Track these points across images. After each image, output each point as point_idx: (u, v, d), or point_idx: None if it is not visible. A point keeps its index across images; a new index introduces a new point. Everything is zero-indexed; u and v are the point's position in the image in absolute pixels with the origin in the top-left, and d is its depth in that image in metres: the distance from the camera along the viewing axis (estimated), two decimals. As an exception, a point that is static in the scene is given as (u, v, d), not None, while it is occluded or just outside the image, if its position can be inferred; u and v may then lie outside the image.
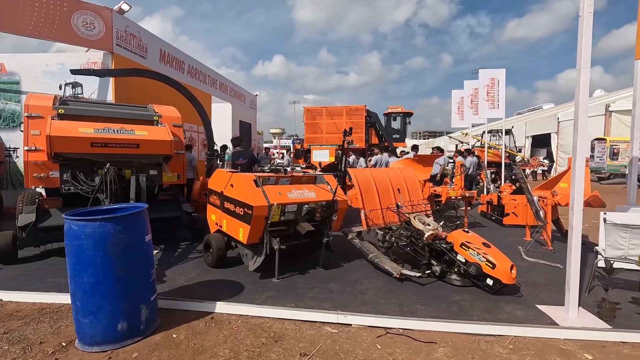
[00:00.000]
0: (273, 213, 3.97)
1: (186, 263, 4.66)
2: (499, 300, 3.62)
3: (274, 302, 3.49)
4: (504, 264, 3.65)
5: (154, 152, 5.18)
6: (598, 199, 5.51)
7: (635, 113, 4.95)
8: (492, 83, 9.30)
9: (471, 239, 3.98)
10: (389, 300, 3.59)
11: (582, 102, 3.13)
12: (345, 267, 4.66)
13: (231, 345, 2.84)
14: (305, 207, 4.18)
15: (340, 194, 4.65)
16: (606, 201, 5.59)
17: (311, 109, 18.47)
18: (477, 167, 11.68)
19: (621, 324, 3.12)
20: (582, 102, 3.13)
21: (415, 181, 5.52)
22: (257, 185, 4.03)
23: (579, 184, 3.17)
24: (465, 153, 10.90)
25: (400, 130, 18.62)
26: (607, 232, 3.67)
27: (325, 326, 3.18)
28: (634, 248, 3.53)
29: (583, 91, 3.11)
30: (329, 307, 3.41)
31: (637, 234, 3.48)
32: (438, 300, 3.61)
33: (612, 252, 3.68)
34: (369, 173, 5.09)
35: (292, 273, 4.33)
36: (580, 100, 3.13)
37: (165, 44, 10.37)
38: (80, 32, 7.68)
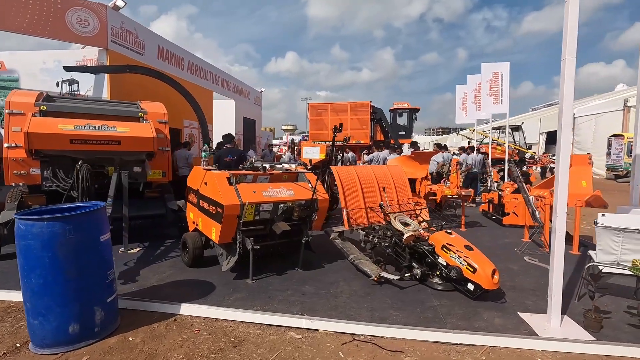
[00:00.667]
0: (246, 212, 3.85)
1: (164, 262, 4.59)
2: (478, 307, 3.41)
3: (242, 305, 3.38)
4: (485, 268, 3.44)
5: (136, 149, 5.12)
6: (599, 199, 5.21)
7: (638, 106, 4.62)
8: (496, 77, 8.94)
9: (453, 241, 3.77)
10: (362, 305, 3.43)
11: (566, 95, 2.89)
12: (326, 268, 4.51)
13: (187, 350, 2.73)
14: (281, 206, 4.05)
15: (321, 193, 4.50)
16: (620, 201, 5.27)
17: (316, 105, 18.30)
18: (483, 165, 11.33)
19: (608, 336, 2.89)
20: (567, 95, 2.89)
21: (404, 179, 5.31)
22: (230, 183, 3.91)
23: (562, 185, 2.93)
24: (468, 150, 10.56)
25: (406, 126, 18.27)
26: (598, 235, 3.42)
27: (290, 331, 3.05)
28: (627, 253, 3.28)
29: (568, 83, 2.87)
30: (298, 310, 3.28)
31: (630, 238, 3.22)
32: (414, 306, 3.43)
33: (604, 257, 3.43)
34: (354, 171, 4.91)
35: (269, 274, 4.21)
36: (564, 93, 2.89)
37: (163, 40, 10.34)
38: (74, 29, 7.70)
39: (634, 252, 3.25)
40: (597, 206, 5.30)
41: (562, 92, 2.89)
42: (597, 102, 25.26)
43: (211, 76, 13.57)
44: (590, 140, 24.49)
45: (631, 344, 2.74)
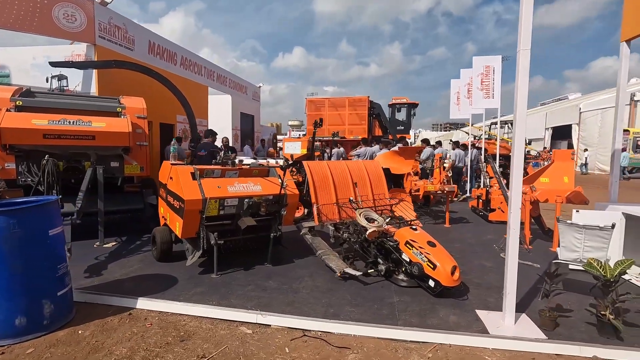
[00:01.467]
0: (209, 207, 3.84)
1: (135, 256, 4.61)
2: (438, 304, 3.36)
3: (199, 299, 3.38)
4: (445, 265, 3.38)
5: (111, 143, 5.14)
6: (580, 195, 5.10)
7: (618, 101, 4.49)
8: (487, 71, 8.77)
9: (417, 237, 3.72)
10: (320, 301, 3.41)
11: (521, 88, 2.80)
12: (295, 263, 4.50)
13: (133, 343, 2.74)
14: (246, 201, 4.03)
15: (291, 188, 4.47)
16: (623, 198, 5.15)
17: (314, 100, 18.21)
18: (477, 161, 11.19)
19: (561, 335, 2.82)
20: (522, 88, 2.80)
21: (380, 174, 5.26)
22: (194, 178, 3.90)
23: (516, 181, 2.86)
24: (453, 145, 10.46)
25: (405, 121, 18.10)
26: (561, 232, 3.33)
27: (242, 326, 3.04)
28: (589, 251, 3.19)
29: (523, 75, 2.79)
30: (253, 305, 3.27)
31: (592, 235, 3.13)
32: (373, 302, 3.39)
33: (567, 255, 3.35)
34: (326, 166, 4.87)
35: (237, 269, 4.21)
36: (519, 85, 2.81)
37: (154, 36, 10.35)
38: (61, 25, 7.73)
39: (596, 250, 3.17)
40: (577, 202, 5.19)
41: (517, 84, 2.81)
42: (604, 97, 24.68)
43: (206, 71, 13.57)
44: (596, 136, 24.04)
45: (582, 343, 2.67)
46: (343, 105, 17.60)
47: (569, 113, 28.98)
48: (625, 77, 4.46)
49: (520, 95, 2.81)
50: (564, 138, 29.69)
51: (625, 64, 4.43)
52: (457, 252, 5.09)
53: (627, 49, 4.42)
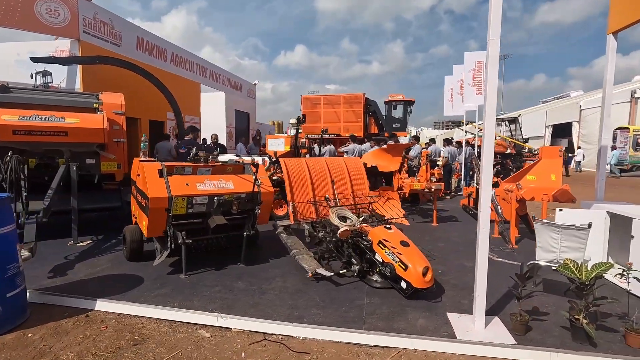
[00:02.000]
0: (176, 205, 3.72)
1: (106, 255, 4.50)
2: (408, 306, 3.23)
3: (162, 301, 3.26)
4: (416, 266, 3.25)
5: (85, 140, 5.03)
6: (567, 194, 4.94)
7: (605, 95, 4.33)
8: (479, 67, 8.59)
9: (390, 236, 3.58)
10: (286, 303, 3.28)
11: (491, 80, 2.66)
12: (271, 263, 4.37)
13: (82, 348, 2.62)
14: (215, 199, 3.90)
15: (266, 186, 4.34)
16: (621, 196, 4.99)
17: (310, 97, 18.04)
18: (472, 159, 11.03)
19: (532, 340, 2.68)
20: (491, 80, 2.66)
21: (361, 172, 5.12)
22: (161, 175, 3.77)
23: (486, 178, 2.71)
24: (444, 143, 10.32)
25: (401, 119, 17.92)
26: (537, 232, 3.19)
27: (202, 329, 2.92)
28: (566, 251, 3.05)
29: (492, 65, 2.64)
30: (216, 307, 3.14)
31: (568, 235, 2.99)
32: (341, 304, 3.26)
33: (544, 255, 3.21)
34: (304, 162, 4.73)
35: (208, 269, 4.08)
36: (489, 76, 2.66)
37: (143, 32, 10.24)
38: (44, 20, 7.62)
39: (573, 250, 3.02)
40: (564, 201, 5.04)
41: (488, 75, 2.67)
42: (604, 94, 24.38)
43: (198, 68, 13.45)
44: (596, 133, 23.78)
45: (553, 349, 2.53)
46: (339, 103, 17.43)
47: (569, 110, 28.73)
48: (612, 71, 4.30)
49: (491, 86, 2.66)
50: (565, 136, 29.45)
51: (612, 57, 4.27)
52: (440, 252, 4.97)
53: (613, 41, 4.26)
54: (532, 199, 5.20)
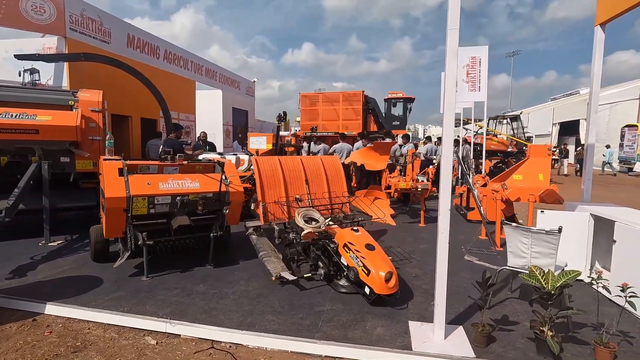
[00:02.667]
0: (136, 205, 3.60)
1: (73, 256, 4.41)
2: (370, 313, 3.06)
3: (115, 304, 3.14)
4: (379, 271, 3.08)
5: (56, 138, 4.93)
6: (553, 194, 4.72)
7: (592, 90, 4.09)
8: (473, 63, 8.33)
9: (355, 239, 3.41)
10: (242, 308, 3.14)
11: (450, 70, 2.47)
12: (240, 265, 4.23)
13: (18, 355, 2.51)
14: (177, 199, 3.77)
15: (235, 185, 4.20)
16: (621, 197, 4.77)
17: (308, 95, 17.85)
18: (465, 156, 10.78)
19: (493, 352, 2.50)
20: (450, 70, 2.47)
21: (339, 171, 4.94)
22: (121, 174, 3.65)
23: (445, 180, 2.53)
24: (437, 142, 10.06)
25: (400, 116, 17.65)
26: (507, 236, 2.99)
27: (149, 336, 2.79)
28: (537, 257, 2.85)
29: (451, 57, 2.46)
30: (168, 312, 3.01)
31: (538, 240, 2.79)
32: (300, 310, 3.11)
33: (514, 261, 3.01)
34: (277, 161, 4.57)
35: (173, 271, 3.96)
36: (448, 67, 2.47)
37: (134, 29, 10.15)
38: (29, 17, 7.57)
39: (543, 256, 2.82)
40: (550, 202, 4.82)
41: (447, 65, 2.48)
42: (613, 91, 23.80)
43: (193, 66, 13.36)
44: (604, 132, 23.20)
45: (512, 364, 2.35)
46: (337, 100, 17.21)
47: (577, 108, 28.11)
48: (599, 64, 4.06)
49: (449, 77, 2.48)
50: (572, 134, 28.84)
51: (599, 49, 4.02)
52: (420, 254, 4.79)
53: (601, 33, 4.01)
54: (517, 199, 4.98)
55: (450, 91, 2.49)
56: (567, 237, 3.76)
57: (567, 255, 3.78)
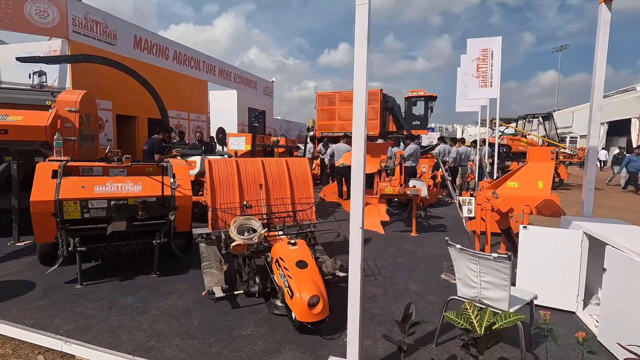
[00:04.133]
0: (67, 209, 3.42)
1: (30, 257, 4.33)
2: (290, 342, 2.64)
3: (27, 315, 2.96)
4: (302, 295, 2.64)
5: (26, 138, 4.93)
6: (552, 205, 4.02)
7: (595, 81, 3.38)
8: (484, 56, 7.51)
9: (287, 254, 2.99)
10: (155, 328, 2.83)
11: (359, 56, 2.00)
12: (188, 274, 3.95)
13: None
14: (112, 203, 3.55)
15: (184, 189, 3.93)
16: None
17: (325, 94, 17.47)
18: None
19: (413, 408, 2.00)
20: (360, 56, 2.00)
21: (307, 176, 4.53)
22: (54, 176, 3.49)
23: (357, 191, 2.06)
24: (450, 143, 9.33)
25: (422, 116, 16.77)
26: (454, 259, 2.45)
27: (44, 354, 2.56)
28: (488, 288, 2.29)
29: (361, 39, 1.98)
30: (73, 328, 2.78)
31: (488, 267, 2.23)
32: (216, 334, 2.75)
33: (464, 290, 2.45)
34: (234, 164, 4.24)
35: (113, 279, 3.75)
36: (358, 53, 2.01)
37: (141, 30, 10.29)
38: (33, 20, 7.82)
39: (495, 287, 2.24)
40: (548, 214, 4.10)
41: (356, 50, 2.01)
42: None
43: (205, 66, 13.42)
44: None
45: None
46: (354, 99, 16.67)
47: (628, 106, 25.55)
48: (604, 50, 3.34)
49: (359, 65, 2.00)
50: (622, 134, 26.21)
51: (604, 31, 3.31)
52: (393, 269, 4.28)
53: (606, 12, 3.29)
54: (510, 210, 4.29)
55: (361, 80, 2.01)
56: (555, 260, 3.13)
57: (554, 282, 3.14)
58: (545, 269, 3.22)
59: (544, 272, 3.23)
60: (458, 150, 9.38)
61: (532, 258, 3.28)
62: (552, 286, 3.20)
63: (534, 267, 3.27)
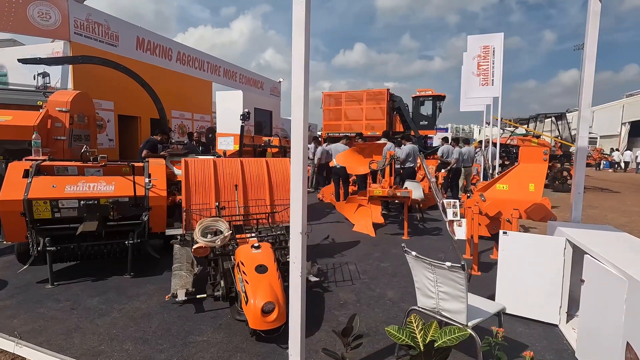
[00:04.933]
0: (37, 209, 3.40)
1: (9, 257, 4.37)
2: (242, 351, 2.52)
3: (-10, 315, 2.95)
4: (257, 301, 2.53)
5: (13, 137, 4.99)
6: (543, 210, 3.80)
7: (583, 76, 3.15)
8: (485, 53, 7.23)
9: (249, 258, 2.88)
10: (110, 331, 2.77)
11: (297, 51, 1.87)
12: (162, 276, 3.90)
13: None
14: (82, 203, 3.52)
15: (158, 189, 3.88)
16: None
17: (331, 94, 17.35)
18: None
19: None
20: (298, 50, 1.87)
21: (286, 176, 4.41)
22: (25, 175, 3.49)
23: (296, 193, 1.94)
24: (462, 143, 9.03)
25: (429, 116, 16.42)
26: (412, 267, 2.28)
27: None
28: (446, 299, 2.12)
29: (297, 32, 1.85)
30: (29, 330, 2.75)
31: (444, 277, 2.06)
32: (170, 339, 2.67)
33: (423, 301, 2.29)
34: (211, 164, 4.16)
35: (85, 279, 3.73)
36: (295, 47, 1.88)
37: (144, 32, 10.39)
38: (36, 23, 7.98)
39: (452, 299, 2.07)
40: (538, 219, 3.86)
41: (294, 43, 1.88)
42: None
43: (209, 67, 13.49)
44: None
45: None
46: (361, 99, 16.49)
47: (652, 104, 24.42)
48: (594, 42, 3.10)
49: (297, 56, 1.87)
50: (646, 134, 25.11)
51: (594, 23, 3.07)
52: (373, 274, 4.12)
53: (596, 2, 3.06)
54: (497, 214, 4.07)
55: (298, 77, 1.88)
56: (536, 268, 2.93)
57: (536, 292, 2.94)
58: (527, 278, 3.01)
59: (525, 282, 3.02)
60: (460, 151, 9.08)
61: (513, 266, 3.07)
62: (534, 297, 2.99)
63: (514, 275, 3.07)
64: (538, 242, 2.99)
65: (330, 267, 4.30)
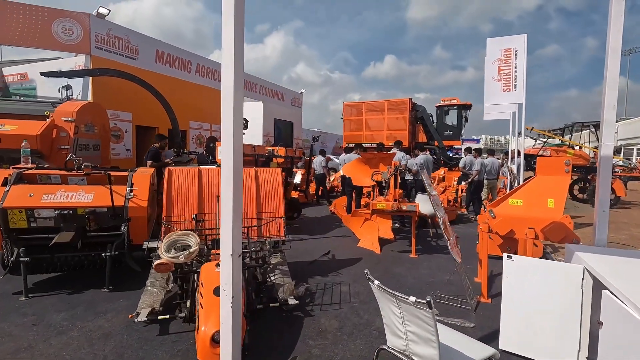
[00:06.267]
0: (13, 218, 3.33)
1: (2, 264, 4.37)
2: (191, 386, 2.23)
3: (-48, 328, 2.85)
4: (207, 329, 2.23)
5: (18, 146, 5.06)
6: (563, 230, 3.27)
7: (607, 74, 2.66)
8: (507, 57, 6.67)
9: (209, 277, 2.59)
10: (60, 354, 2.56)
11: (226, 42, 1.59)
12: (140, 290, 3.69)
13: None
14: (56, 212, 3.41)
15: (139, 199, 3.73)
16: None
17: (352, 104, 17.07)
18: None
19: None
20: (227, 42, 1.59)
21: (277, 188, 4.14)
22: (4, 183, 3.44)
23: (227, 208, 1.64)
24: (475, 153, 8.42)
25: (454, 126, 15.69)
26: (378, 299, 1.90)
27: (-60, 374, 2.39)
28: (415, 341, 1.72)
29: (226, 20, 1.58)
30: (-18, 347, 2.60)
31: (411, 315, 1.67)
32: (119, 365, 2.42)
33: (392, 340, 1.89)
34: (195, 173, 3.97)
35: (61, 292, 3.60)
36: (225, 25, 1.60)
37: (164, 45, 10.67)
38: (59, 38, 8.36)
39: (422, 341, 1.66)
40: (556, 240, 3.32)
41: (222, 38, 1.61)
42: None
43: (229, 78, 13.65)
44: None
45: None
46: (383, 109, 16.08)
47: None
48: (618, 34, 2.61)
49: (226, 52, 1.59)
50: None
51: (617, 10, 2.59)
52: (365, 297, 3.74)
53: None
54: (510, 232, 3.55)
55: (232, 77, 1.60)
56: (549, 302, 2.44)
57: (548, 331, 2.44)
58: (536, 314, 2.51)
59: (535, 318, 2.52)
60: (483, 162, 8.44)
61: (519, 298, 2.58)
62: (545, 336, 2.48)
63: (522, 309, 2.57)
64: (551, 270, 2.49)
65: (321, 287, 3.94)
